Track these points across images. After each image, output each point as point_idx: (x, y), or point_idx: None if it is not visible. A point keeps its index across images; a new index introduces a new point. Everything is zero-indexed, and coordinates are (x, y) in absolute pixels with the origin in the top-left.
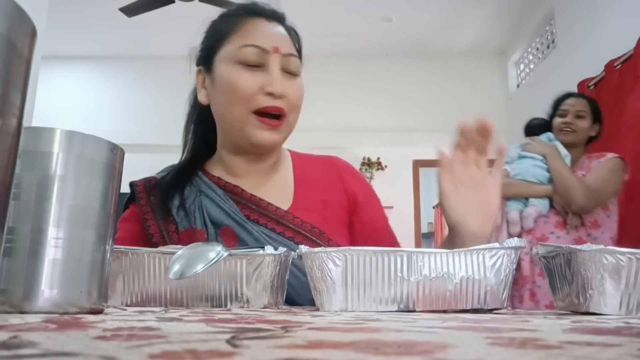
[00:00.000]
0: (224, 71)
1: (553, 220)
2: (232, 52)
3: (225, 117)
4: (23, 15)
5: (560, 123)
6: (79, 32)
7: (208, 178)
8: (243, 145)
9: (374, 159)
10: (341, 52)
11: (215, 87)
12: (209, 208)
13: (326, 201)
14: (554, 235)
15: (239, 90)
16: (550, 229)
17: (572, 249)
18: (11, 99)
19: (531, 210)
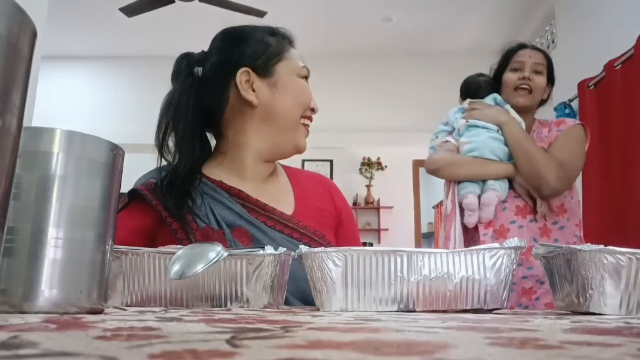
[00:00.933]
0: (293, 80)
1: (513, 206)
2: (297, 68)
3: (283, 118)
4: (23, 15)
5: (515, 79)
6: (79, 32)
7: (210, 181)
8: (284, 148)
9: (374, 159)
10: (341, 52)
11: (277, 92)
12: (219, 210)
13: (321, 209)
14: (516, 225)
15: (306, 99)
16: (511, 217)
17: (572, 249)
18: (11, 99)
19: (491, 196)
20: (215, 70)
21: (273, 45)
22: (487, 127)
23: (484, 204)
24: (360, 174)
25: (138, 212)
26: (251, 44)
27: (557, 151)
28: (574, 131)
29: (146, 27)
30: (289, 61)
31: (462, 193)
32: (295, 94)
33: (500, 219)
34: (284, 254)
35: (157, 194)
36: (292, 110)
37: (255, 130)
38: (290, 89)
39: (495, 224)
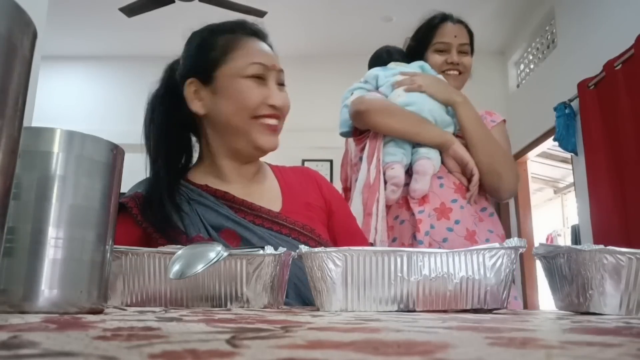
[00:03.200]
0: (232, 84)
1: (450, 183)
2: (240, 68)
3: (229, 124)
4: (23, 15)
5: (442, 62)
6: (79, 32)
7: (195, 186)
8: (246, 150)
9: None
10: (341, 52)
11: (218, 98)
12: (206, 214)
13: (309, 204)
14: (457, 205)
15: (247, 100)
16: (451, 195)
17: (572, 249)
18: (11, 99)
19: (426, 164)
20: (178, 82)
21: (217, 47)
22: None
23: (418, 172)
24: None
25: (128, 225)
26: (197, 51)
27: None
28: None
29: (146, 27)
30: (233, 62)
31: (387, 161)
32: (235, 98)
33: (439, 196)
34: (284, 254)
35: (145, 209)
36: (234, 116)
37: (215, 139)
38: (230, 93)
39: (434, 202)
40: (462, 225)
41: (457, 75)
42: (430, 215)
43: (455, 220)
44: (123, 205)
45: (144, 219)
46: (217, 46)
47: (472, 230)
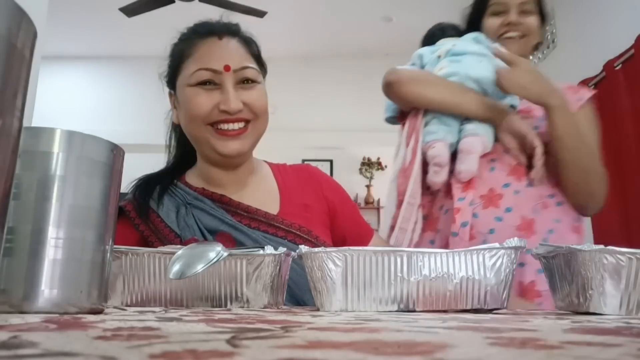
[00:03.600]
0: (183, 94)
1: (504, 165)
2: (188, 77)
3: (190, 135)
4: (23, 15)
5: (498, 25)
6: (79, 32)
7: (192, 190)
8: (214, 158)
9: (374, 159)
10: (341, 52)
11: (180, 108)
12: (202, 218)
13: (307, 205)
14: (510, 190)
15: (196, 110)
16: (502, 178)
17: (572, 249)
18: (11, 99)
19: (473, 141)
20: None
21: (175, 56)
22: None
23: (463, 151)
24: (360, 174)
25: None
26: (169, 62)
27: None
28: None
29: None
30: (184, 71)
31: (428, 140)
32: (184, 108)
33: (488, 181)
34: (284, 254)
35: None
36: (189, 125)
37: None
38: (182, 104)
39: (481, 188)
40: (515, 214)
41: (517, 38)
42: (472, 204)
43: (506, 208)
44: (121, 208)
45: (141, 222)
46: (175, 55)
47: (530, 218)
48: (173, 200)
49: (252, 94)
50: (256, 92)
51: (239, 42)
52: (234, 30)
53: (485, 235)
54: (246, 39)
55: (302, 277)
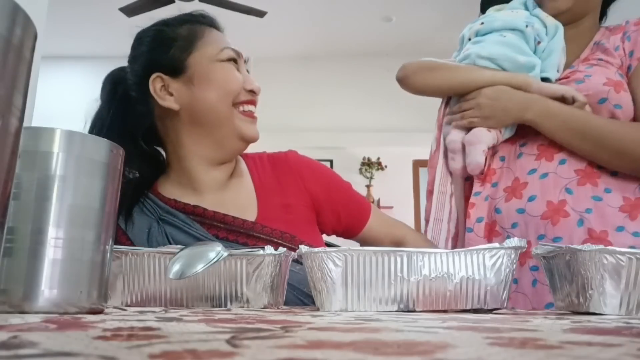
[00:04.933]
0: (211, 69)
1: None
2: (214, 53)
3: (212, 112)
4: (23, 15)
5: None
6: (79, 32)
7: (164, 202)
8: (229, 143)
9: (374, 159)
10: (341, 52)
11: (196, 87)
12: (175, 235)
13: (287, 205)
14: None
15: (230, 84)
16: (530, 164)
17: (572, 249)
18: (11, 99)
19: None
20: (133, 85)
21: (182, 36)
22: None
23: (467, 143)
24: (360, 174)
25: None
26: (157, 44)
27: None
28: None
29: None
30: (204, 49)
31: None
32: (216, 82)
33: (514, 170)
34: (284, 254)
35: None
36: (218, 102)
37: (190, 137)
38: (209, 79)
39: (505, 179)
40: (539, 201)
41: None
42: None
43: (529, 197)
44: None
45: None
46: (180, 36)
47: (560, 201)
48: (144, 217)
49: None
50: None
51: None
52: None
53: (508, 231)
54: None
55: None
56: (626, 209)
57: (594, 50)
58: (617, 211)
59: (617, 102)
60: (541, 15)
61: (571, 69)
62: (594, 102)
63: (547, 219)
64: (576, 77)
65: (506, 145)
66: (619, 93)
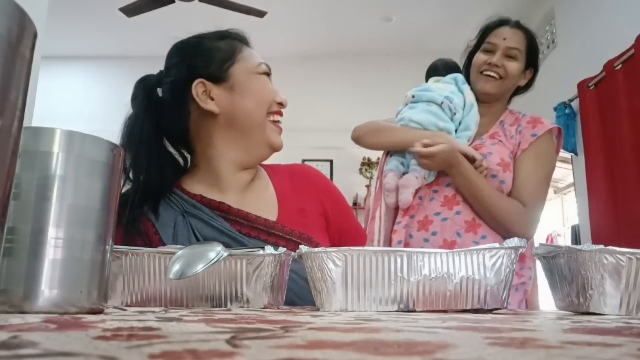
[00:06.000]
0: (250, 80)
1: (441, 196)
2: (253, 66)
3: (248, 119)
4: (23, 15)
5: (482, 62)
6: (79, 32)
7: (190, 197)
8: (257, 150)
9: (374, 159)
10: (341, 52)
11: (236, 94)
12: (200, 228)
13: (303, 209)
14: (439, 218)
15: (266, 95)
16: (437, 208)
17: (572, 249)
18: (11, 99)
19: (410, 177)
20: (172, 89)
21: (223, 49)
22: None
23: (401, 185)
24: (360, 174)
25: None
26: (200, 54)
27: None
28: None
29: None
30: (243, 62)
31: (386, 171)
32: (254, 92)
33: (426, 209)
34: (284, 254)
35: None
36: (255, 110)
37: (223, 139)
38: (249, 88)
39: (420, 214)
40: (439, 237)
41: (495, 79)
42: (405, 226)
43: (432, 232)
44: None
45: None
46: (221, 49)
47: (452, 240)
48: (170, 211)
49: None
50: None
51: None
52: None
53: None
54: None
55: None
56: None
57: (498, 129)
58: None
59: (502, 179)
60: (465, 91)
61: (480, 141)
62: (489, 175)
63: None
64: (481, 151)
65: (424, 189)
66: (505, 173)
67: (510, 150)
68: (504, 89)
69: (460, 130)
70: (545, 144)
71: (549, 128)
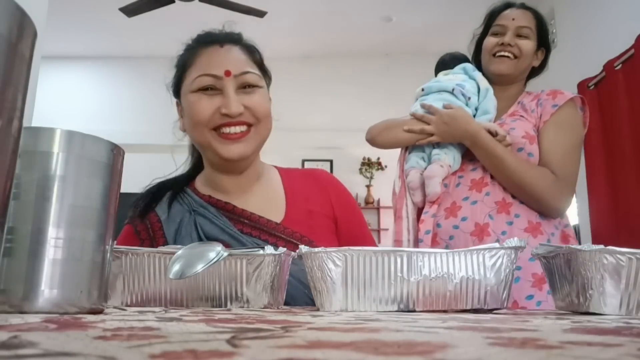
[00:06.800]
0: (186, 101)
1: (468, 180)
2: (190, 83)
3: (195, 141)
4: (23, 15)
5: (494, 44)
6: (79, 32)
7: (199, 197)
8: (218, 162)
9: (374, 159)
10: (341, 52)
11: (185, 116)
12: (203, 225)
13: (311, 211)
14: (468, 202)
15: (198, 115)
16: (464, 192)
17: (572, 249)
18: (11, 99)
19: (434, 168)
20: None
21: (179, 66)
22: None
23: (426, 177)
24: (360, 174)
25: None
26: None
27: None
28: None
29: (146, 27)
30: (187, 79)
31: (407, 169)
32: (188, 114)
33: (452, 195)
34: (284, 254)
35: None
36: (193, 131)
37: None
38: (186, 111)
39: (446, 201)
40: (469, 222)
41: (510, 59)
42: (434, 216)
43: (462, 217)
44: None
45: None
46: (179, 65)
47: (484, 223)
48: (179, 208)
49: (253, 97)
50: (257, 96)
51: (240, 49)
52: (236, 38)
53: (446, 242)
54: (248, 46)
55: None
56: (529, 229)
57: (518, 108)
58: (522, 232)
59: (530, 151)
60: (477, 78)
61: (500, 121)
62: (515, 149)
63: (475, 236)
64: (504, 128)
65: (449, 177)
66: (532, 145)
67: (533, 124)
68: (519, 68)
69: (478, 115)
70: (567, 114)
71: (570, 97)
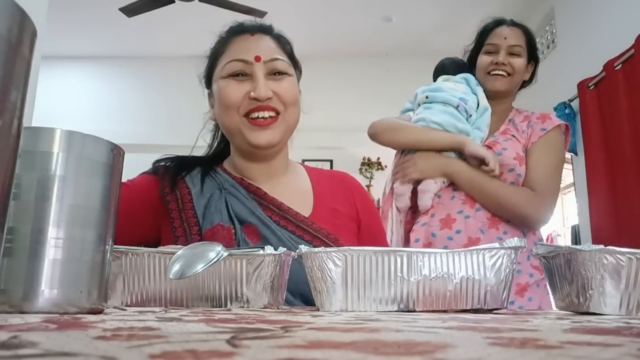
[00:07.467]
0: (217, 87)
1: (462, 195)
2: (220, 70)
3: (224, 127)
4: (23, 15)
5: (488, 63)
6: (79, 32)
7: (231, 177)
8: (246, 149)
9: (374, 159)
10: (341, 52)
11: (216, 103)
12: (234, 205)
13: (336, 210)
14: (462, 216)
15: (228, 99)
16: (458, 206)
17: (572, 249)
18: (11, 99)
19: (427, 184)
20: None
21: (211, 54)
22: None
23: (420, 191)
24: (360, 174)
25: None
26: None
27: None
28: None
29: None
30: (218, 67)
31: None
32: (219, 100)
33: (447, 207)
34: (284, 254)
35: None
36: (224, 117)
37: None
38: (218, 97)
39: (440, 213)
40: (463, 234)
41: (504, 77)
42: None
43: (456, 230)
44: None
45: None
46: (211, 55)
47: (476, 237)
48: (211, 184)
49: (281, 84)
50: (286, 83)
51: (271, 38)
52: (267, 28)
53: None
54: (279, 36)
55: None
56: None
57: (509, 126)
58: None
59: (520, 172)
60: (479, 95)
61: (493, 137)
62: (506, 170)
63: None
64: (496, 148)
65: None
66: (522, 166)
67: (523, 144)
68: (513, 84)
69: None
70: (553, 137)
71: (557, 124)
